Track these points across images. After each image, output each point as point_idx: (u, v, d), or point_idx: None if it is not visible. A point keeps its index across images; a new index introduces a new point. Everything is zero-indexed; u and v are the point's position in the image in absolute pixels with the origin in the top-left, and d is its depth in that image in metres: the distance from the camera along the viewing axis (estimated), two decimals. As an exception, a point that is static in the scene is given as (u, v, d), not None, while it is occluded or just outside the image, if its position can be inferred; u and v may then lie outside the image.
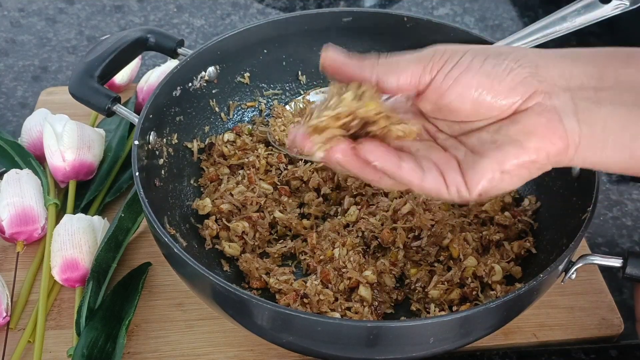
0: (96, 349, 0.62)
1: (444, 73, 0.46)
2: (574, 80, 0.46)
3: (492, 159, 0.46)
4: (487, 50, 0.47)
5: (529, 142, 0.46)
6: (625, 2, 0.65)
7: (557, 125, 0.45)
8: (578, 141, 0.46)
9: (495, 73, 0.45)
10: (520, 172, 0.47)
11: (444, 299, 0.63)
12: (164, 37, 0.74)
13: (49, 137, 0.75)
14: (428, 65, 0.46)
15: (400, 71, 0.47)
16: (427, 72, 0.46)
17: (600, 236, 0.76)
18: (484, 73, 0.45)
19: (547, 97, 0.45)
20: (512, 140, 0.46)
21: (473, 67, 0.46)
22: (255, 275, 0.66)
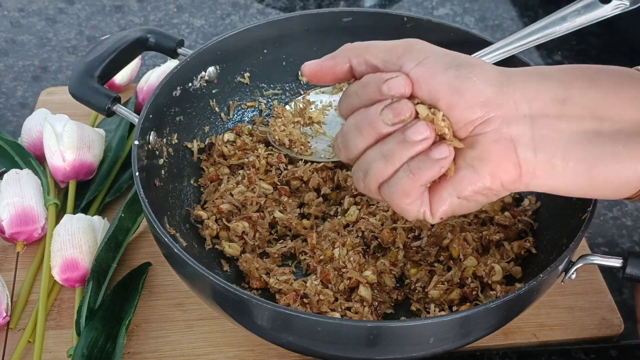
0: (96, 349, 0.62)
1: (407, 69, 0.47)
2: (536, 105, 0.46)
3: (449, 184, 0.47)
4: (455, 59, 0.47)
5: (483, 169, 0.46)
6: (625, 2, 0.65)
7: (511, 155, 0.46)
8: (533, 170, 0.46)
9: (457, 85, 0.45)
10: (477, 198, 0.47)
11: (444, 299, 0.63)
12: (164, 37, 0.74)
13: (49, 137, 0.75)
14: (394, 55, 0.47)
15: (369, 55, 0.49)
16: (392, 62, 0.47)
17: (600, 236, 0.76)
18: (446, 82, 0.45)
19: (504, 124, 0.45)
20: (467, 165, 0.46)
21: (436, 72, 0.46)
22: (255, 275, 0.66)
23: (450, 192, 0.47)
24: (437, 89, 0.45)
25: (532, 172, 0.46)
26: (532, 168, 0.46)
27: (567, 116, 0.45)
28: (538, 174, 0.46)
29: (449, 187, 0.47)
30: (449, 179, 0.47)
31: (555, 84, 0.46)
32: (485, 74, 0.46)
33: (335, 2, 1.10)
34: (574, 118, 0.45)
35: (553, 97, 0.46)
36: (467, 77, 0.45)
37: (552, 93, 0.46)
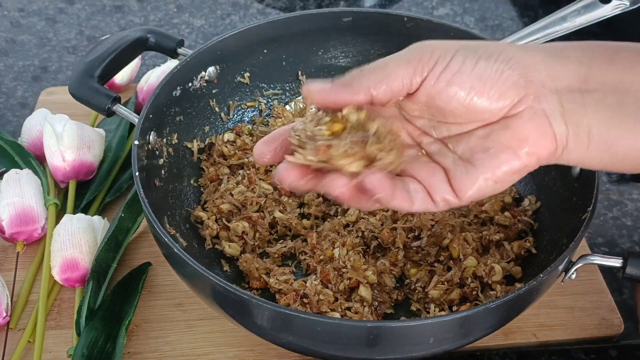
0: (96, 349, 0.62)
1: (435, 75, 0.45)
2: (561, 81, 0.46)
3: (485, 168, 0.46)
4: (477, 50, 0.46)
5: (521, 148, 0.46)
6: (625, 2, 0.65)
7: (547, 130, 0.45)
8: (566, 142, 0.46)
9: (487, 76, 0.45)
10: (512, 178, 0.47)
11: (444, 299, 0.63)
12: (164, 37, 0.74)
13: (49, 137, 0.75)
14: (418, 67, 0.45)
15: (390, 78, 0.46)
16: (418, 74, 0.45)
17: (600, 236, 0.76)
18: (477, 76, 0.45)
19: (536, 101, 0.45)
20: (504, 147, 0.46)
21: (465, 70, 0.45)
22: (255, 275, 0.66)
23: (487, 177, 0.46)
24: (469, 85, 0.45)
25: (565, 145, 0.46)
26: (565, 141, 0.46)
27: (591, 91, 0.45)
28: (570, 147, 0.46)
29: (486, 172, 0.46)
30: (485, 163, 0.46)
31: (574, 65, 0.46)
32: (510, 58, 0.46)
33: (335, 2, 1.10)
34: (597, 92, 0.45)
35: (575, 76, 0.46)
36: (494, 65, 0.45)
37: (573, 73, 0.46)
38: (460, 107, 0.46)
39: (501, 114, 0.46)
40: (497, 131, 0.46)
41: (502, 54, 0.46)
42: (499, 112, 0.46)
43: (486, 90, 0.45)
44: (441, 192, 0.47)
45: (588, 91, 0.45)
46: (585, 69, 0.46)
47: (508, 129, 0.46)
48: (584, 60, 0.46)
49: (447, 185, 0.47)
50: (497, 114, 0.46)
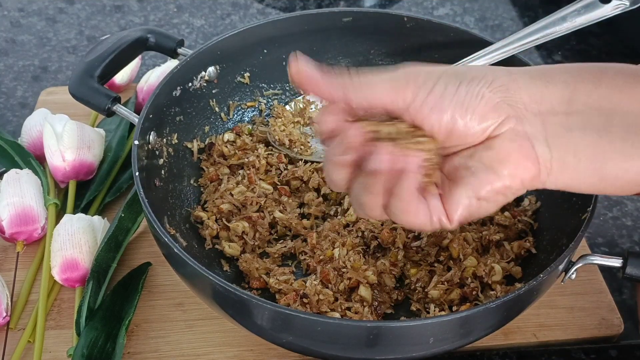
0: (96, 349, 0.62)
1: (420, 100, 0.46)
2: (544, 104, 0.46)
3: (467, 187, 0.46)
4: (459, 75, 0.46)
5: (503, 169, 0.46)
6: (625, 2, 0.65)
7: (529, 152, 0.46)
8: (550, 166, 0.46)
9: (468, 100, 0.45)
10: (497, 198, 0.47)
11: (444, 299, 0.63)
12: (164, 37, 0.74)
13: (49, 137, 0.75)
14: (403, 92, 0.46)
15: (375, 100, 0.46)
16: (401, 99, 0.46)
17: (600, 236, 0.76)
18: (458, 101, 0.45)
19: (518, 123, 0.45)
20: (486, 167, 0.46)
21: (447, 95, 0.45)
22: (255, 275, 0.66)
23: (469, 195, 0.46)
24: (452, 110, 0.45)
25: (549, 168, 0.46)
26: (549, 165, 0.46)
27: (575, 113, 0.45)
28: (554, 170, 0.46)
29: (467, 190, 0.46)
30: (467, 183, 0.46)
31: (559, 88, 0.46)
32: (491, 82, 0.46)
33: (335, 2, 1.10)
34: (582, 114, 0.45)
35: (559, 99, 0.46)
36: (475, 89, 0.46)
37: (557, 96, 0.46)
38: (444, 131, 0.46)
39: (484, 136, 0.46)
40: (480, 151, 0.46)
41: (484, 77, 0.46)
42: (481, 134, 0.46)
43: (468, 115, 0.45)
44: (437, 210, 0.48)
45: (573, 113, 0.45)
46: (570, 92, 0.46)
47: (490, 150, 0.46)
48: (569, 83, 0.46)
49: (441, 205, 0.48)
50: (480, 136, 0.46)
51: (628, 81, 0.46)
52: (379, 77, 0.47)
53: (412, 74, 0.47)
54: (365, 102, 0.46)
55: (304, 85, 0.47)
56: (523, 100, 0.46)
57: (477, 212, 0.48)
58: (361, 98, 0.46)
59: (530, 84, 0.46)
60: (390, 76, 0.47)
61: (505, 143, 0.46)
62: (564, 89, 0.46)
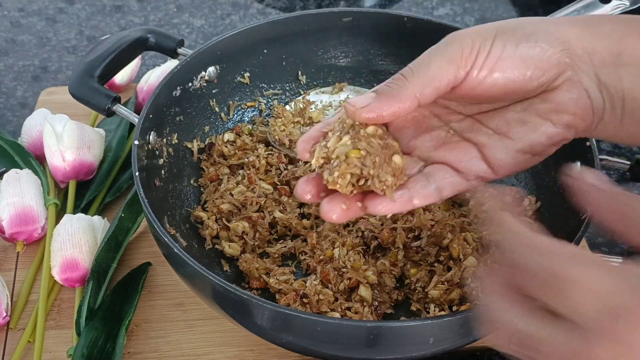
0: (96, 349, 0.62)
1: (479, 66, 0.45)
2: (596, 56, 0.46)
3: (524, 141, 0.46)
4: (515, 32, 0.46)
5: (560, 120, 0.46)
6: (625, 2, 0.65)
7: (586, 102, 0.46)
8: (602, 115, 0.46)
9: (531, 57, 0.45)
10: (549, 150, 0.47)
11: (444, 299, 0.63)
12: (164, 37, 0.74)
13: (49, 137, 0.75)
14: (462, 63, 0.45)
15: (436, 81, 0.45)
16: (462, 69, 0.45)
17: (600, 236, 0.76)
18: (520, 58, 0.45)
19: (574, 74, 0.45)
20: (543, 120, 0.46)
21: (508, 55, 0.45)
22: (255, 275, 0.66)
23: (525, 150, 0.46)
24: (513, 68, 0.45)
25: (601, 117, 0.46)
26: (601, 113, 0.46)
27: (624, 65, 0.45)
28: (605, 119, 0.46)
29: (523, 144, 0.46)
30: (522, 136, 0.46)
31: (607, 40, 0.46)
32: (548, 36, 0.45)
33: (335, 2, 1.11)
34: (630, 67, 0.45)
35: (608, 51, 0.46)
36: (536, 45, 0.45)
37: (606, 48, 0.46)
38: (501, 92, 0.45)
39: (541, 88, 0.46)
40: (535, 104, 0.46)
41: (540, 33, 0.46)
42: (538, 88, 0.46)
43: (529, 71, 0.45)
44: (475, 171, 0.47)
45: (621, 65, 0.45)
46: (617, 44, 0.45)
47: (547, 102, 0.46)
48: (616, 35, 0.46)
49: (481, 162, 0.47)
50: (537, 89, 0.46)
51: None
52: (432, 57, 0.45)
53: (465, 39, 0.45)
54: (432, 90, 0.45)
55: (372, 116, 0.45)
56: (577, 52, 0.46)
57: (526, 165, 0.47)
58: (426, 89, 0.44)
59: (580, 35, 0.46)
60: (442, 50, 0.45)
61: (562, 94, 0.46)
62: (612, 40, 0.46)
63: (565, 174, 0.41)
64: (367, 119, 0.45)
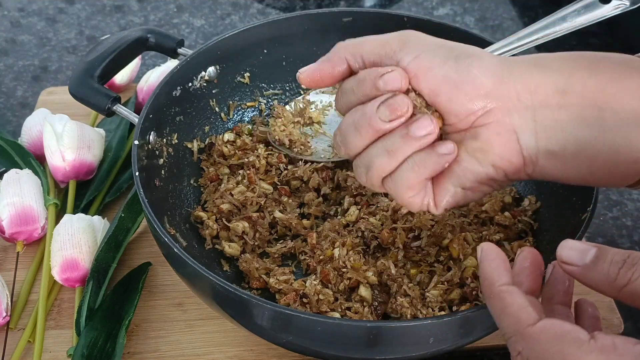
0: (96, 349, 0.62)
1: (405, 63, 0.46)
2: (538, 95, 0.45)
3: (453, 175, 0.47)
4: (452, 51, 0.46)
5: (486, 160, 0.46)
6: (625, 2, 0.65)
7: (514, 145, 0.46)
8: (535, 159, 0.46)
9: (456, 78, 0.45)
10: (482, 188, 0.47)
11: (444, 299, 0.63)
12: (164, 37, 0.74)
13: (49, 137, 0.75)
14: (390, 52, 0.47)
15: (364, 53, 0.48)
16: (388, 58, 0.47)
17: (600, 236, 0.76)
18: (443, 76, 0.45)
19: (506, 115, 0.45)
20: (470, 157, 0.46)
21: (433, 67, 0.46)
22: (255, 275, 0.66)
23: (454, 183, 0.47)
24: (437, 82, 0.45)
25: (535, 161, 0.46)
26: (534, 157, 0.46)
27: (568, 106, 0.45)
28: (540, 163, 0.46)
29: (453, 179, 0.47)
30: (452, 171, 0.47)
31: (555, 76, 0.46)
32: (485, 66, 0.46)
33: (335, 2, 1.11)
34: (574, 107, 0.45)
35: (554, 88, 0.45)
36: (467, 69, 0.45)
37: (552, 84, 0.45)
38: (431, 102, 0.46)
39: (468, 121, 0.46)
40: (466, 139, 0.46)
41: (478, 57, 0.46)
42: (466, 117, 0.46)
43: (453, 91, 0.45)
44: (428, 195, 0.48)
45: (565, 106, 0.45)
46: (565, 80, 0.45)
47: (475, 139, 0.46)
48: (565, 71, 0.46)
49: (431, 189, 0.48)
50: (465, 120, 0.46)
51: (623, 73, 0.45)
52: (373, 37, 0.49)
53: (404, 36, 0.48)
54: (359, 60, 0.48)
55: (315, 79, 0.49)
56: (516, 90, 0.45)
57: (462, 200, 0.48)
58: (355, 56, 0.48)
59: (525, 72, 0.46)
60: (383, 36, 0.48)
61: (490, 134, 0.46)
62: (559, 77, 0.45)
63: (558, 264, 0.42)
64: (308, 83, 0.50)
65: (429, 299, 0.63)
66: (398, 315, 0.62)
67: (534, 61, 0.47)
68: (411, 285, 0.63)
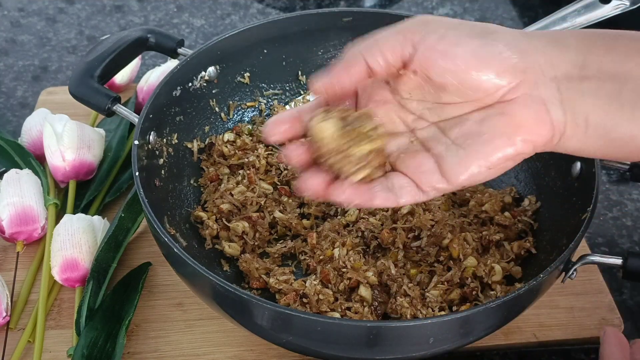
0: (96, 349, 0.62)
1: (429, 45, 0.45)
2: (559, 68, 0.45)
3: (479, 154, 0.46)
4: (474, 28, 0.46)
5: (517, 135, 0.45)
6: (625, 2, 0.65)
7: (544, 117, 0.45)
8: (563, 130, 0.46)
9: (483, 54, 0.44)
10: (506, 164, 0.47)
11: (444, 299, 0.63)
12: (164, 37, 0.74)
13: (49, 137, 0.75)
14: (408, 35, 0.45)
15: (381, 44, 0.46)
16: (409, 42, 0.45)
17: (600, 236, 0.76)
18: (471, 51, 0.44)
19: (534, 87, 0.45)
20: (499, 133, 0.45)
21: (461, 44, 0.45)
22: (255, 275, 0.66)
23: (480, 163, 0.46)
24: (466, 58, 0.44)
25: (563, 132, 0.46)
26: (562, 128, 0.46)
27: (589, 78, 0.45)
28: (567, 134, 0.46)
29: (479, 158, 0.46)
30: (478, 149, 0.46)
31: (573, 52, 0.46)
32: (509, 41, 0.45)
33: (335, 2, 1.11)
34: (595, 80, 0.45)
35: (574, 62, 0.45)
36: (492, 44, 0.45)
37: (572, 59, 0.45)
38: (455, 82, 0.45)
39: (497, 95, 0.45)
40: (492, 116, 0.46)
41: (502, 35, 0.45)
42: (494, 92, 0.45)
43: (481, 67, 0.44)
44: (430, 182, 0.47)
45: (586, 78, 0.45)
46: (583, 57, 0.45)
47: (503, 115, 0.45)
48: (582, 48, 0.46)
49: (437, 174, 0.47)
50: (493, 94, 0.45)
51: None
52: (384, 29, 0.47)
53: (421, 20, 0.46)
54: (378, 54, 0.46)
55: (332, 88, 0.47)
56: (539, 63, 0.45)
57: (482, 179, 0.47)
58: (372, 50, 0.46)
59: (546, 47, 0.46)
60: (396, 25, 0.46)
61: (520, 108, 0.45)
62: (578, 53, 0.45)
63: None
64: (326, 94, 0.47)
65: (429, 299, 0.63)
66: (398, 315, 0.62)
67: (552, 38, 0.47)
68: (411, 285, 0.63)
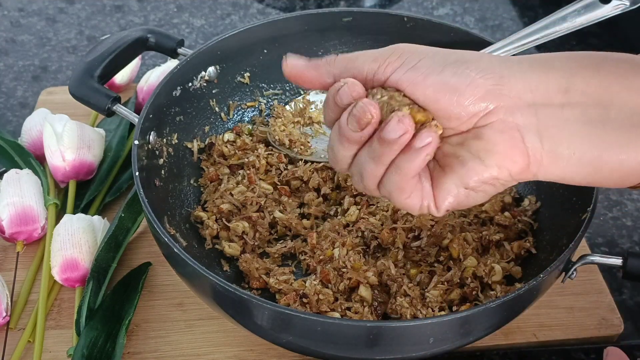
0: (96, 349, 0.62)
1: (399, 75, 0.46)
2: (539, 93, 0.45)
3: (456, 176, 0.46)
4: (448, 57, 0.46)
5: (490, 160, 0.45)
6: (625, 2, 0.65)
7: (518, 144, 0.45)
8: (540, 158, 0.45)
9: (454, 83, 0.45)
10: (485, 188, 0.47)
11: (444, 299, 0.63)
12: (164, 37, 0.74)
13: (49, 137, 0.75)
14: (382, 65, 0.46)
15: (356, 71, 0.47)
16: (381, 72, 0.46)
17: (600, 236, 0.76)
18: (442, 82, 0.45)
19: (509, 114, 0.45)
20: (473, 157, 0.46)
21: (431, 73, 0.45)
22: (255, 275, 0.66)
23: (457, 184, 0.46)
24: (435, 89, 0.45)
25: (540, 161, 0.46)
26: (539, 157, 0.45)
27: (572, 105, 0.45)
28: (545, 162, 0.46)
29: (455, 179, 0.46)
30: (454, 171, 0.46)
31: (558, 74, 0.45)
32: (483, 67, 0.45)
33: (335, 2, 1.11)
34: (578, 106, 0.45)
35: (557, 87, 0.45)
36: (464, 72, 0.45)
37: (555, 83, 0.45)
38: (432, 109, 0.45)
39: (471, 123, 0.45)
40: (469, 140, 0.46)
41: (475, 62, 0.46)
42: (468, 120, 0.45)
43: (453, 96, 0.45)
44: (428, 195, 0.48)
45: (569, 104, 0.45)
46: (568, 79, 0.45)
47: (479, 139, 0.46)
48: (567, 70, 0.45)
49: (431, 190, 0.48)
50: (467, 122, 0.45)
51: (628, 71, 0.45)
52: (363, 52, 0.48)
53: (398, 49, 0.47)
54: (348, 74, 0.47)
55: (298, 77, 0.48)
56: (517, 89, 0.45)
57: (465, 201, 0.47)
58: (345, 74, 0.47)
59: (527, 71, 0.46)
60: (374, 51, 0.48)
61: (493, 133, 0.45)
62: (562, 76, 0.45)
63: None
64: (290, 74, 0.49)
65: (429, 299, 0.63)
66: (398, 315, 0.62)
67: (536, 61, 0.47)
68: (411, 285, 0.63)
